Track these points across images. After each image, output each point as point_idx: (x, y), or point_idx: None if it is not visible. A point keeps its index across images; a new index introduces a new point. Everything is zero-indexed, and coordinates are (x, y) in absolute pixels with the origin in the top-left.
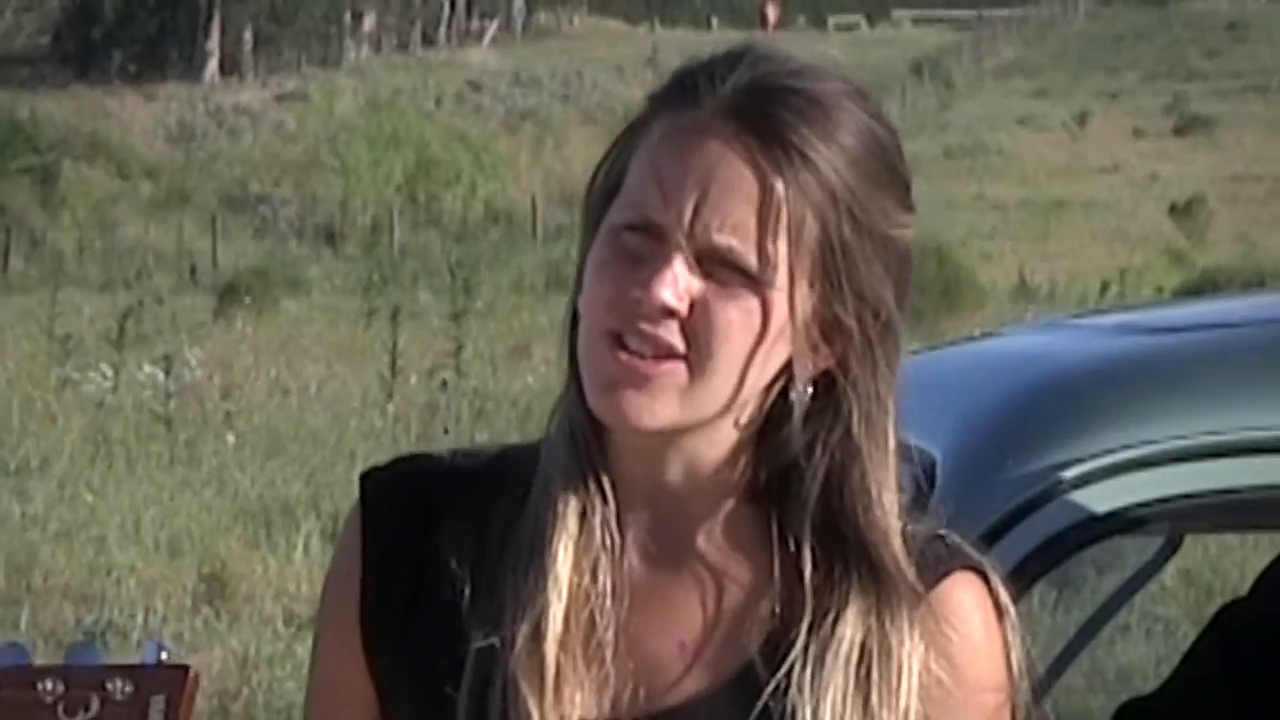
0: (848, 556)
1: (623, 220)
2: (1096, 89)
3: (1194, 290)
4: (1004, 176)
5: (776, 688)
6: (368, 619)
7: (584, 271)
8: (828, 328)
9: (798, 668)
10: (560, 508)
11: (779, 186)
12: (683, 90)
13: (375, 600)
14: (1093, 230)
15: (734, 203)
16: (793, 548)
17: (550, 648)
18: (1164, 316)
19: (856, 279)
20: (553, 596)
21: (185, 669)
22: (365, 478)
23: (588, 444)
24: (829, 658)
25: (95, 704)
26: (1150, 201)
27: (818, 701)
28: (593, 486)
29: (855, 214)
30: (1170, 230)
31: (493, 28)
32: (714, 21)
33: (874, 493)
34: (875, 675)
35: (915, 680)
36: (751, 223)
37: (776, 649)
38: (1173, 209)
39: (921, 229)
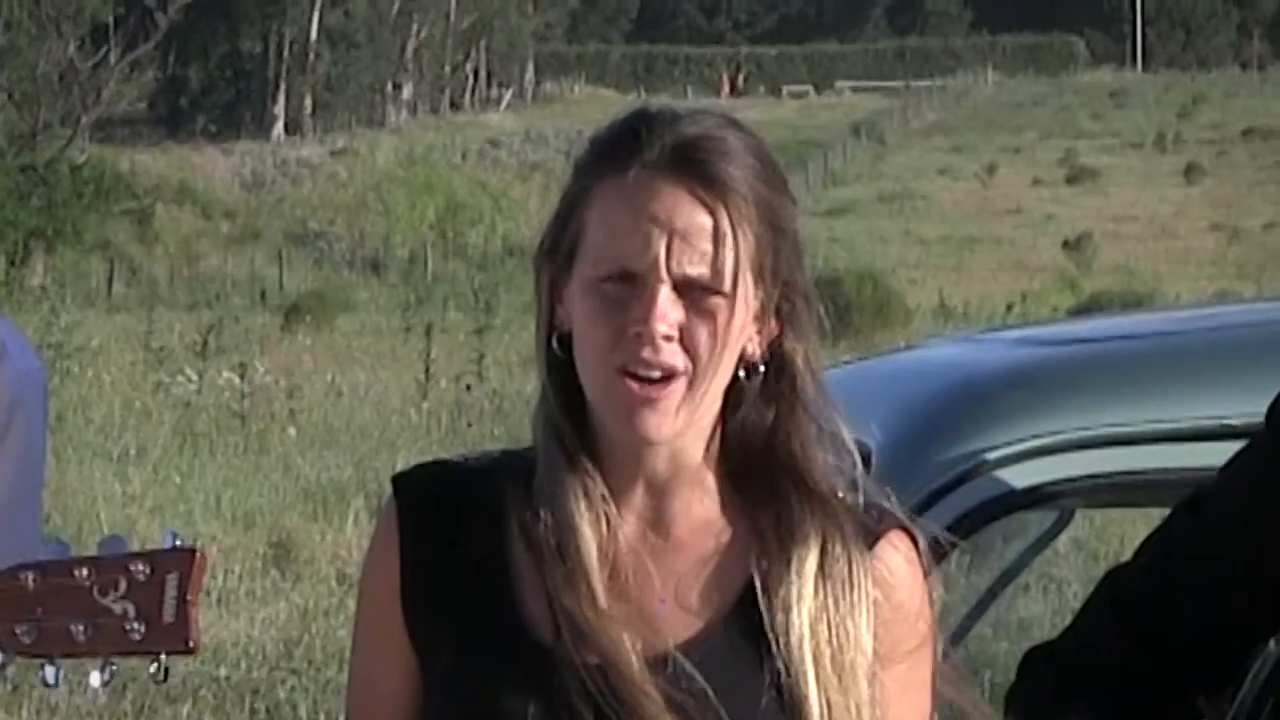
0: (803, 501)
1: (599, 274)
2: (1002, 145)
3: (1082, 310)
4: (927, 217)
5: (759, 618)
6: (408, 594)
7: (552, 316)
8: (768, 314)
9: (774, 594)
10: (568, 501)
11: (723, 218)
12: (616, 157)
13: (413, 577)
14: (999, 261)
15: (696, 239)
16: (755, 501)
17: (587, 598)
18: (1058, 331)
19: (784, 270)
20: (585, 559)
21: (193, 551)
22: (396, 479)
23: (576, 447)
24: (799, 581)
25: (123, 584)
26: (1046, 238)
27: (791, 614)
28: (588, 481)
29: (773, 221)
30: (1063, 261)
31: (508, 95)
32: (689, 90)
33: (814, 449)
34: (838, 590)
35: (870, 591)
36: (711, 251)
37: (754, 587)
38: (1065, 244)
39: (857, 259)
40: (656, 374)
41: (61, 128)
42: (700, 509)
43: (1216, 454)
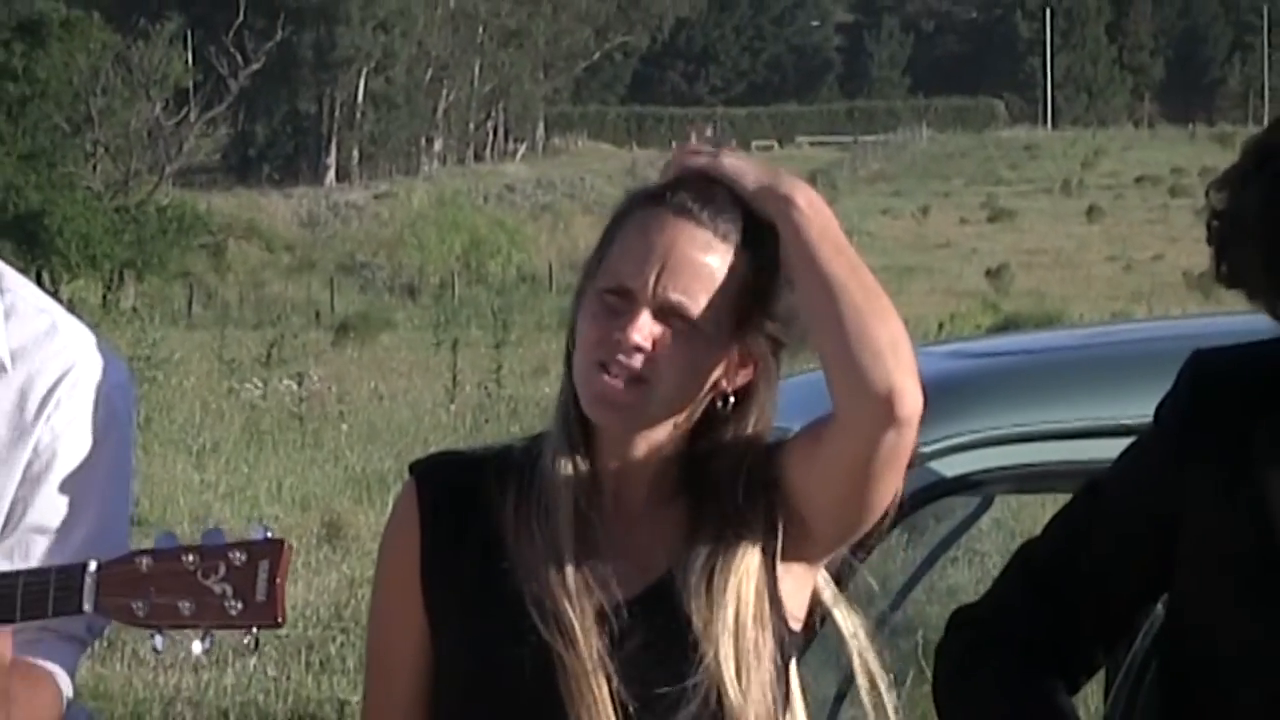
0: (724, 504)
1: (604, 285)
2: (934, 190)
3: (1001, 328)
4: (871, 250)
5: (684, 574)
6: (425, 564)
7: (577, 316)
8: (745, 354)
9: (695, 564)
10: (562, 475)
11: (713, 261)
12: (651, 196)
13: (430, 549)
14: (932, 287)
15: (684, 272)
16: (701, 495)
17: (569, 562)
18: (981, 346)
19: (770, 327)
20: (565, 529)
21: (282, 541)
22: (415, 466)
23: (576, 432)
24: (708, 572)
25: (222, 568)
26: (971, 267)
27: (692, 572)
28: (580, 460)
29: (763, 279)
30: (985, 287)
31: (522, 148)
32: (673, 143)
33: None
34: (736, 578)
35: (755, 561)
36: (696, 288)
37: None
38: (987, 272)
39: None
40: (623, 376)
41: (149, 175)
42: (662, 493)
43: (1112, 448)
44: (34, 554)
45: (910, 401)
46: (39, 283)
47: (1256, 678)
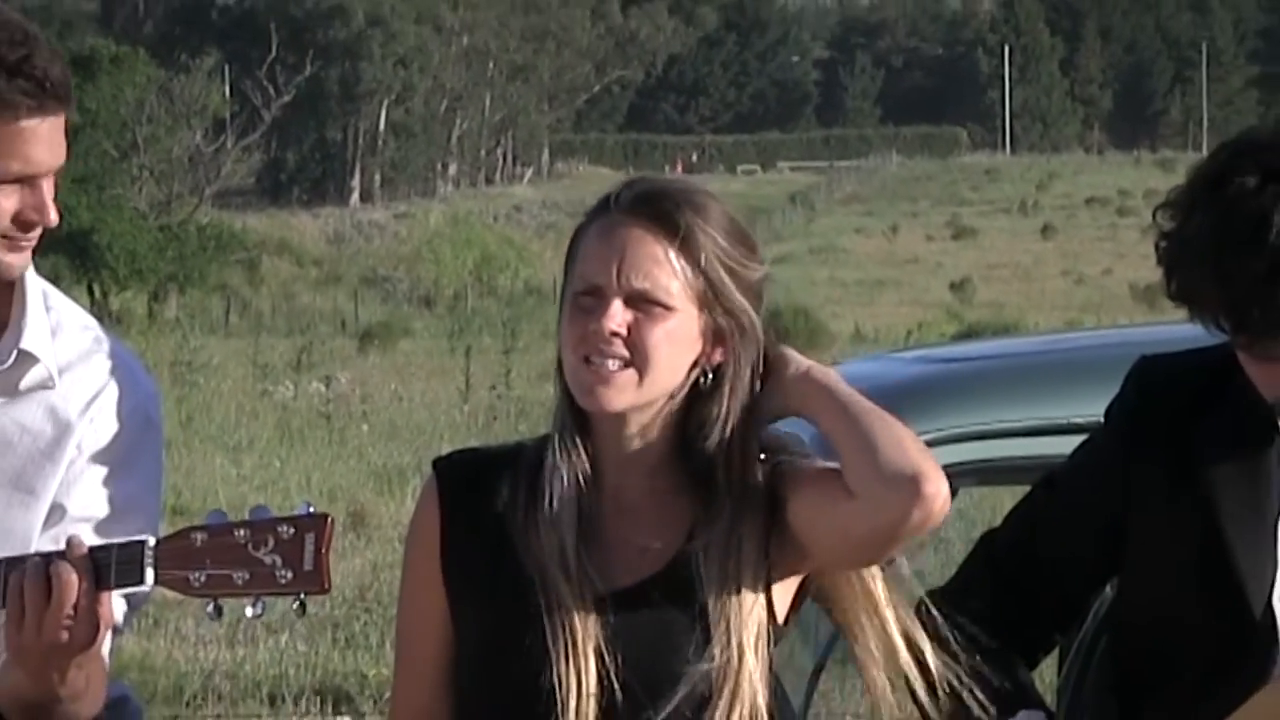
0: (726, 482)
1: (576, 289)
2: (904, 210)
3: (963, 336)
4: (845, 265)
5: (693, 557)
6: (445, 553)
7: (562, 323)
8: (715, 335)
9: (707, 542)
10: (563, 470)
11: (670, 249)
12: (603, 205)
13: (449, 540)
14: (900, 298)
15: (642, 262)
16: (700, 477)
17: (570, 554)
18: (945, 352)
19: (729, 303)
20: (567, 520)
21: (326, 516)
22: (436, 463)
23: (573, 430)
24: (716, 548)
25: (271, 541)
26: (937, 281)
27: (707, 569)
28: (578, 454)
29: (724, 261)
30: (950, 299)
31: (529, 173)
32: (666, 169)
33: (742, 443)
34: (740, 556)
35: (750, 558)
36: (656, 272)
37: (684, 551)
38: (951, 285)
39: (793, 298)
40: (609, 363)
41: (190, 197)
42: (659, 479)
43: (1065, 445)
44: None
45: (935, 479)
46: (90, 295)
47: (1197, 656)
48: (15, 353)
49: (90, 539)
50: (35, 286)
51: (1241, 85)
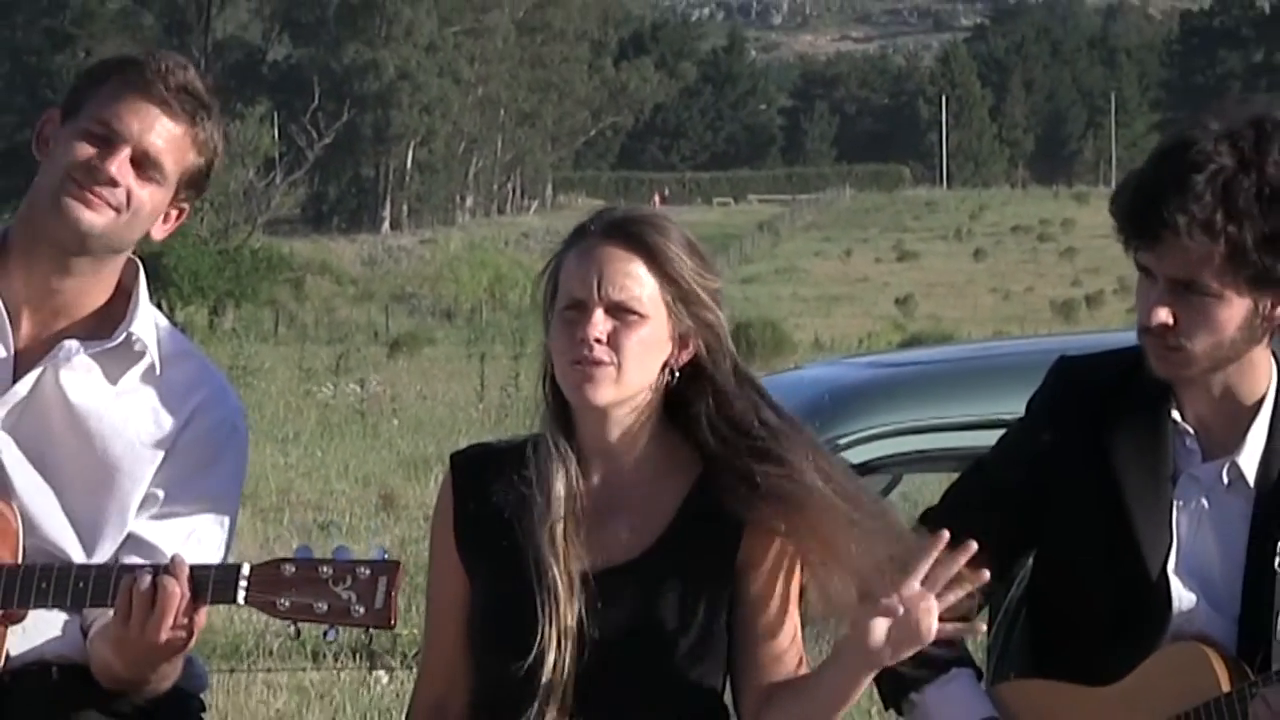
0: (718, 452)
1: (561, 305)
2: (856, 237)
3: (907, 344)
4: (806, 283)
5: (679, 537)
6: (459, 536)
7: (547, 339)
8: (682, 338)
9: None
10: (554, 462)
11: (640, 265)
12: (579, 232)
13: (463, 524)
14: (853, 312)
15: (618, 276)
16: (684, 467)
17: (559, 534)
18: (890, 358)
19: (693, 309)
20: (557, 505)
21: (397, 562)
22: (452, 457)
23: (559, 427)
24: (690, 545)
25: (349, 579)
26: (884, 297)
27: (670, 550)
28: (565, 448)
29: (686, 273)
30: (895, 312)
31: (535, 205)
32: (655, 200)
33: (734, 418)
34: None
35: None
36: (630, 284)
37: (673, 530)
38: (896, 301)
39: (761, 311)
40: (595, 363)
41: (244, 225)
42: (643, 469)
43: (993, 437)
44: (165, 530)
45: None
46: (159, 308)
47: (1099, 618)
48: (125, 334)
49: (175, 529)
50: (144, 284)
51: (1145, 130)
